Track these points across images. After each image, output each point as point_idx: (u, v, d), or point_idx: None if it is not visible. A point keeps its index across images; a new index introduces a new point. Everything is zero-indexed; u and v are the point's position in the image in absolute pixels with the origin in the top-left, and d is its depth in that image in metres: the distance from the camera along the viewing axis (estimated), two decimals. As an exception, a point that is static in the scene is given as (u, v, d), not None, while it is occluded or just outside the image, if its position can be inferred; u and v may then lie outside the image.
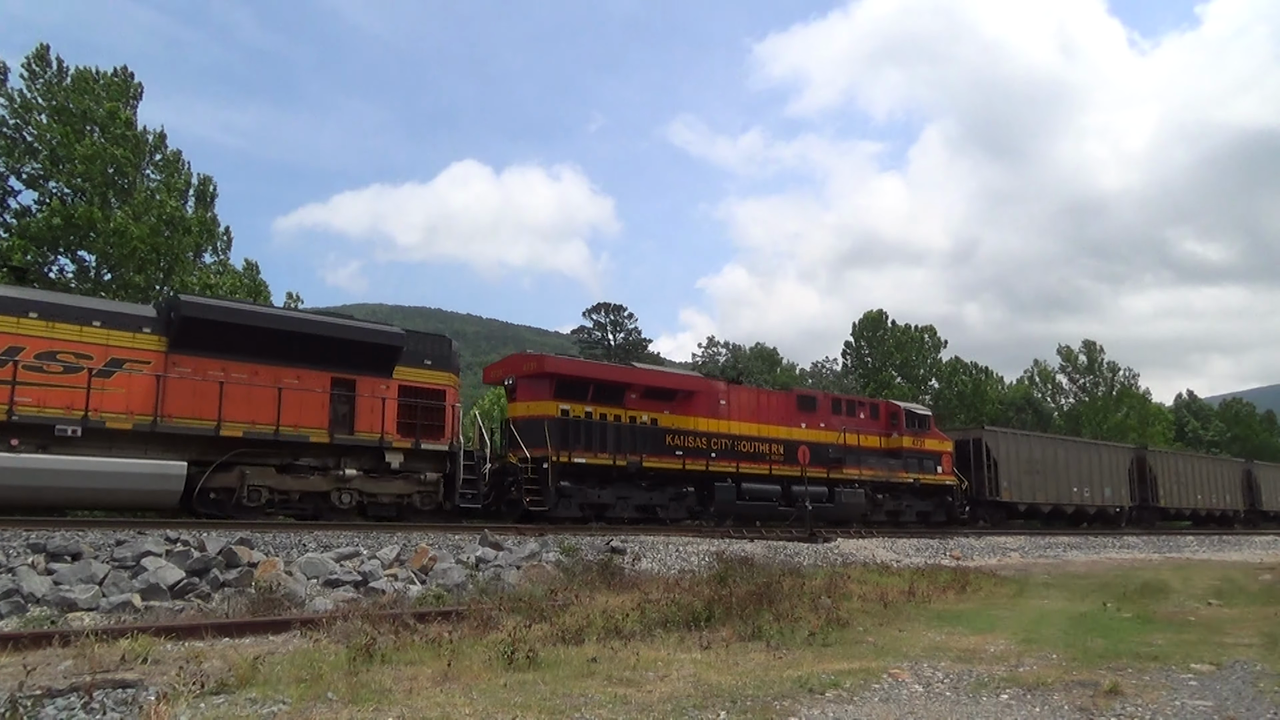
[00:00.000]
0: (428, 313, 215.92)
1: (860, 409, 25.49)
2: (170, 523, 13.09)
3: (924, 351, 60.49)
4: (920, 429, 26.12)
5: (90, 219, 23.48)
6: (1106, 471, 34.00)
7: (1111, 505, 33.87)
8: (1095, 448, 35.13)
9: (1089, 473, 33.06)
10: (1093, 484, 33.02)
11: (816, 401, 24.30)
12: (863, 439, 24.44)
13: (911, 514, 25.67)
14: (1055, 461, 31.68)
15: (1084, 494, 32.47)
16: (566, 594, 10.62)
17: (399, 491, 16.15)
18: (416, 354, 16.79)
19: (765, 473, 21.66)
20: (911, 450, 25.63)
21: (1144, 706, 5.77)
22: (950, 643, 8.31)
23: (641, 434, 19.88)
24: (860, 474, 23.87)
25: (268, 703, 5.40)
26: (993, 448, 29.15)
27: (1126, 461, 35.47)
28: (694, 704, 5.55)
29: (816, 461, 22.65)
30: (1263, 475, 44.11)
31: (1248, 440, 72.71)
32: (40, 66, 25.62)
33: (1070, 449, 33.41)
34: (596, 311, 56.07)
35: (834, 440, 23.50)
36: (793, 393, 24.42)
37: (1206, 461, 42.09)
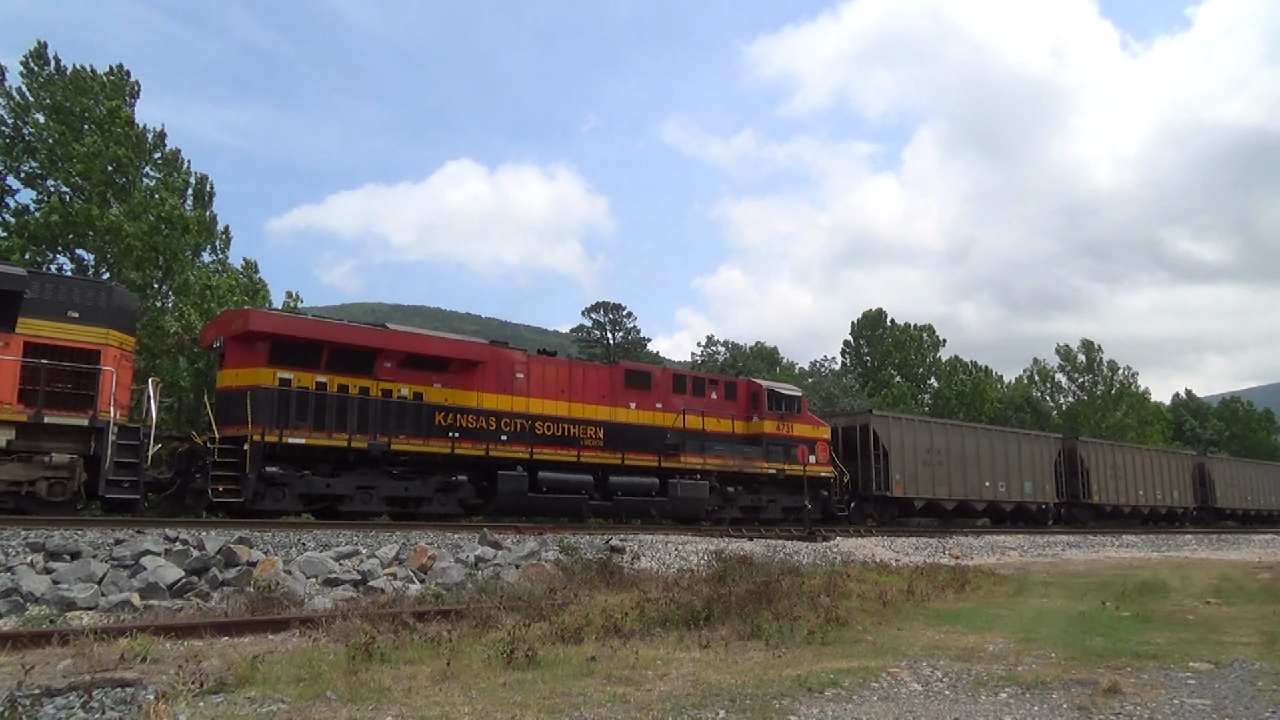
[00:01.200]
0: (426, 311, 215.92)
1: (711, 388, 22.19)
2: (169, 521, 13.09)
3: (923, 350, 60.50)
4: (788, 412, 22.88)
5: (88, 217, 23.44)
6: (1028, 464, 30.76)
7: (1033, 502, 30.71)
8: (1014, 437, 31.68)
9: (1006, 465, 29.75)
10: (1010, 478, 29.75)
11: (651, 378, 20.99)
12: (710, 422, 21.20)
13: (776, 510, 22.53)
14: (962, 452, 28.26)
15: (998, 489, 29.18)
16: (565, 593, 10.63)
17: (10, 478, 12.88)
18: (54, 304, 13.52)
19: (572, 460, 18.36)
20: (776, 436, 22.36)
21: (1143, 705, 5.77)
22: (949, 641, 8.31)
23: (399, 411, 16.38)
24: (705, 463, 20.68)
25: (267, 702, 5.40)
26: (883, 435, 25.86)
27: (1052, 453, 32.35)
28: (693, 703, 5.55)
29: (644, 448, 19.63)
30: (1216, 469, 41.51)
31: (1246, 439, 72.75)
32: (38, 65, 25.59)
33: (983, 438, 29.83)
34: (595, 310, 56.03)
35: (671, 423, 20.37)
36: (619, 367, 21.00)
37: (1150, 454, 38.72)
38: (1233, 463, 45.01)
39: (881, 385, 55.60)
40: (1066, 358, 65.66)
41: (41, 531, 10.82)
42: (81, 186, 24.72)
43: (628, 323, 55.78)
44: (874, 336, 60.56)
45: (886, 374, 58.08)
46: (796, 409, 23.31)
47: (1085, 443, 34.87)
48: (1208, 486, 40.10)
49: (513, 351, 19.30)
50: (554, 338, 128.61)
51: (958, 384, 58.37)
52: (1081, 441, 34.87)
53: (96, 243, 24.42)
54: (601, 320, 55.78)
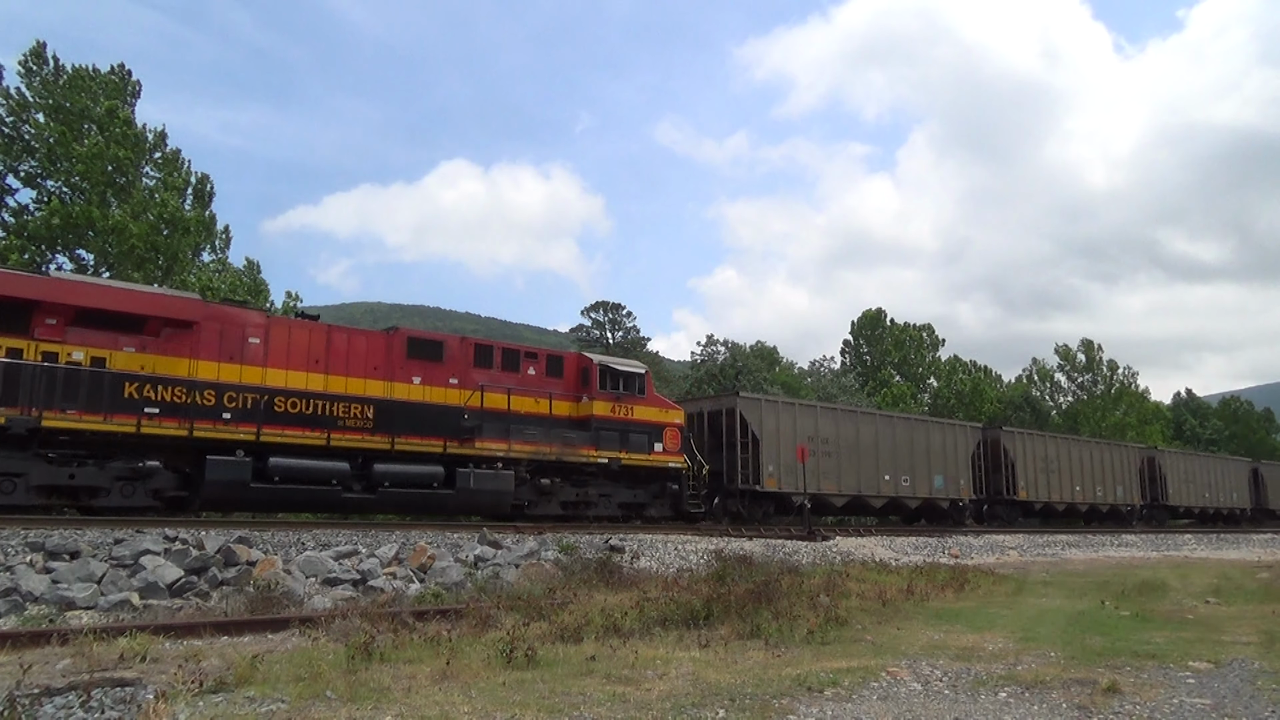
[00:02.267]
0: (426, 310, 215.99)
1: (529, 362, 18.73)
2: (169, 521, 13.08)
3: (922, 350, 60.52)
4: (627, 392, 19.46)
5: (89, 218, 23.45)
6: (939, 456, 27.43)
7: (944, 498, 27.46)
8: (922, 426, 28.10)
9: (911, 457, 26.63)
10: (916, 471, 26.55)
11: (445, 349, 17.51)
12: (520, 402, 17.84)
13: (610, 506, 19.20)
14: (856, 442, 24.97)
15: (901, 483, 26.04)
16: (565, 592, 10.63)
17: None
18: None
19: (320, 443, 15.13)
20: (610, 420, 19.01)
21: (1142, 704, 5.77)
22: (948, 641, 8.31)
23: (68, 380, 13.33)
24: (510, 449, 17.32)
25: (266, 701, 5.40)
26: (753, 420, 22.46)
27: (970, 444, 29.03)
28: (693, 702, 5.55)
29: (428, 430, 16.38)
30: (1168, 464, 38.51)
31: (1246, 439, 72.77)
32: (36, 64, 25.60)
33: (883, 426, 26.46)
34: (595, 310, 56.04)
35: (465, 402, 17.05)
36: (400, 333, 17.22)
37: (1090, 446, 35.20)
38: (1186, 456, 41.72)
39: (881, 385, 55.61)
40: (1066, 357, 65.70)
41: (41, 531, 10.82)
42: (81, 187, 24.72)
43: (627, 322, 55.81)
44: (873, 336, 60.59)
45: (886, 373, 58.11)
46: (638, 389, 19.76)
47: (1010, 433, 31.63)
48: (1158, 483, 37.34)
49: (246, 311, 16.29)
50: (553, 337, 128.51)
51: (957, 383, 58.41)
52: (1006, 431, 31.59)
53: (97, 243, 24.43)
54: (601, 320, 55.79)
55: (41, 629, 7.61)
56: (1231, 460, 45.43)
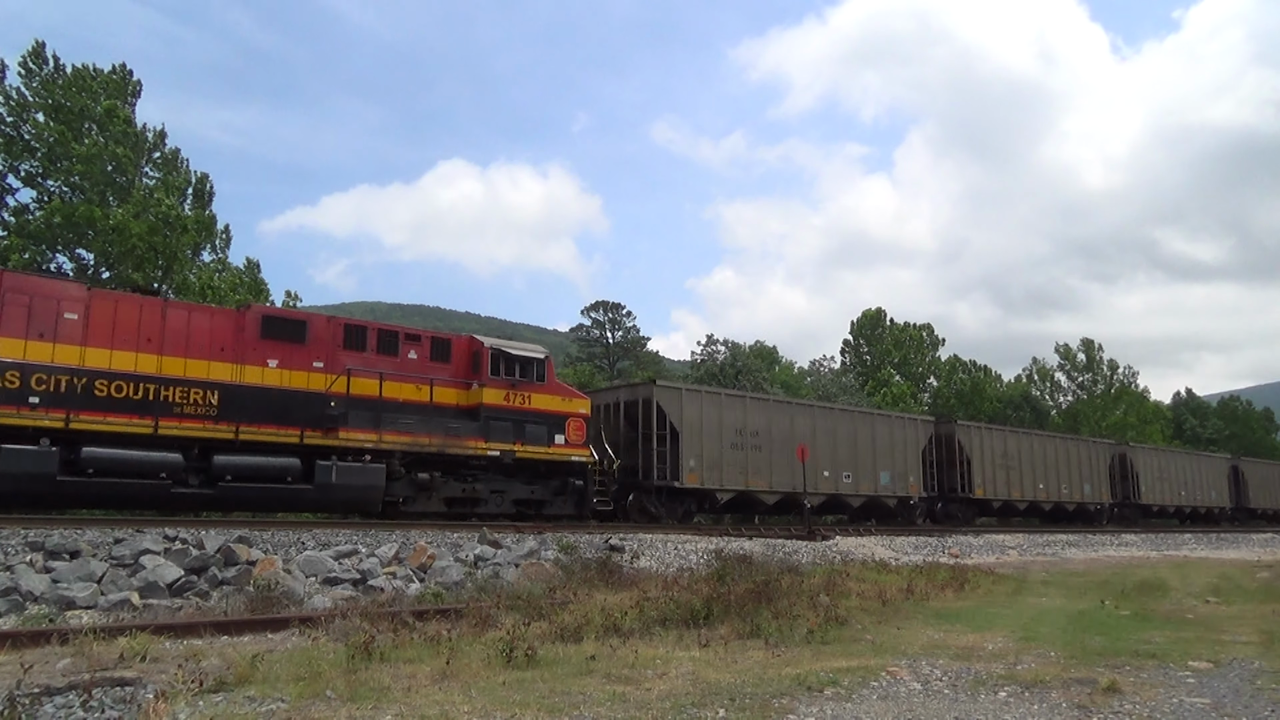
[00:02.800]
0: (426, 310, 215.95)
1: (410, 345, 17.02)
2: (169, 520, 13.09)
3: (922, 350, 60.53)
4: (524, 379, 17.80)
5: (89, 217, 23.45)
6: (886, 452, 25.75)
7: (890, 495, 25.77)
8: (867, 419, 26.43)
9: (855, 453, 24.91)
10: (860, 468, 24.92)
11: (308, 329, 15.74)
12: (396, 388, 16.25)
13: (504, 503, 17.48)
14: (790, 436, 23.03)
15: (842, 480, 24.40)
16: (565, 592, 10.63)
17: None
18: None
19: (147, 431, 13.53)
20: (503, 409, 17.34)
21: (1142, 704, 5.77)
22: (948, 640, 8.32)
23: None
24: (380, 440, 15.77)
25: (266, 701, 5.40)
26: (671, 412, 20.68)
27: (921, 439, 27.37)
28: (692, 702, 5.55)
29: (283, 419, 14.84)
30: (1141, 460, 36.68)
31: (1245, 438, 72.77)
32: (36, 64, 25.59)
33: (823, 420, 24.56)
34: (595, 310, 56.04)
35: (328, 387, 15.41)
36: (253, 311, 15.63)
37: (1057, 442, 33.75)
38: (1160, 453, 39.99)
39: (881, 384, 55.62)
40: (1066, 356, 65.73)
41: (41, 530, 10.83)
42: (81, 186, 24.72)
43: (627, 322, 55.82)
44: (873, 336, 60.59)
45: (886, 373, 58.11)
46: (537, 375, 18.09)
47: (966, 427, 29.81)
48: (1130, 480, 35.75)
49: (61, 283, 14.71)
50: (553, 337, 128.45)
51: (957, 383, 58.42)
52: (961, 425, 29.82)
53: (98, 243, 24.43)
54: (601, 319, 55.79)
55: (41, 628, 7.61)
56: (1209, 457, 43.91)
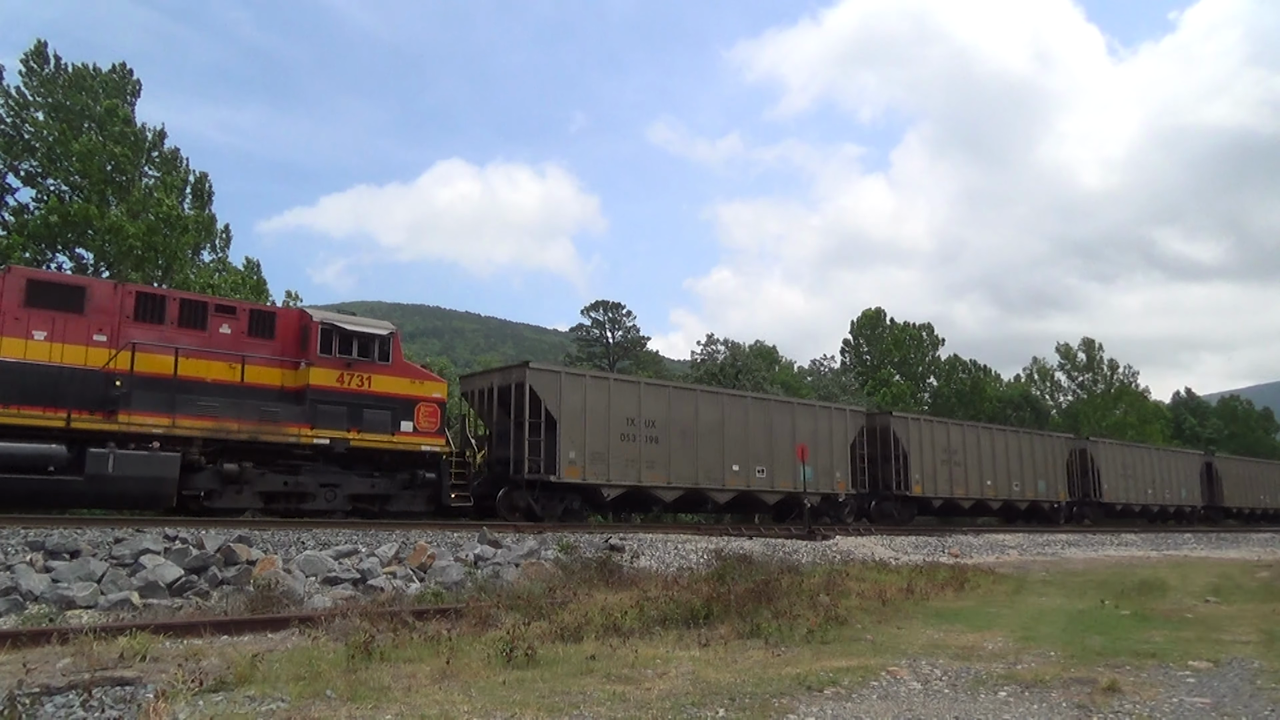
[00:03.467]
0: (426, 310, 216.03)
1: (222, 318, 15.02)
2: (169, 520, 13.09)
3: (922, 349, 60.55)
4: (363, 358, 15.79)
5: (88, 216, 23.45)
6: (809, 445, 23.21)
7: (813, 491, 23.26)
8: (787, 409, 24.00)
9: (771, 446, 22.55)
10: (777, 462, 22.52)
11: (87, 296, 13.82)
12: (195, 365, 14.31)
13: (337, 497, 15.53)
14: (693, 427, 20.87)
15: (755, 475, 22.03)
16: (565, 592, 10.63)
17: None
18: None
19: None
20: (335, 392, 15.34)
21: (1142, 704, 5.77)
22: (948, 640, 8.32)
23: None
24: (174, 425, 13.86)
25: (266, 700, 5.40)
26: (548, 398, 18.50)
27: (850, 431, 24.89)
28: (692, 701, 5.56)
29: (49, 400, 12.97)
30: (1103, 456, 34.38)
31: (1245, 438, 72.77)
32: (37, 63, 25.60)
33: (733, 409, 22.18)
34: (595, 309, 56.02)
35: (108, 364, 13.52)
36: (11, 275, 13.55)
37: (1007, 436, 31.40)
38: (1125, 448, 37.40)
39: (881, 384, 55.65)
40: (1066, 356, 65.77)
41: (41, 530, 10.83)
42: (80, 185, 24.72)
43: (627, 321, 55.79)
44: (873, 335, 60.61)
45: (886, 372, 58.13)
46: (379, 354, 16.03)
47: (902, 419, 27.62)
48: (1091, 477, 33.79)
49: None
50: (553, 336, 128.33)
51: (957, 382, 58.44)
52: (897, 417, 27.61)
53: (97, 242, 24.43)
54: (601, 319, 55.77)
55: (41, 628, 7.61)
56: (1180, 453, 41.94)
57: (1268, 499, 44.96)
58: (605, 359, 53.48)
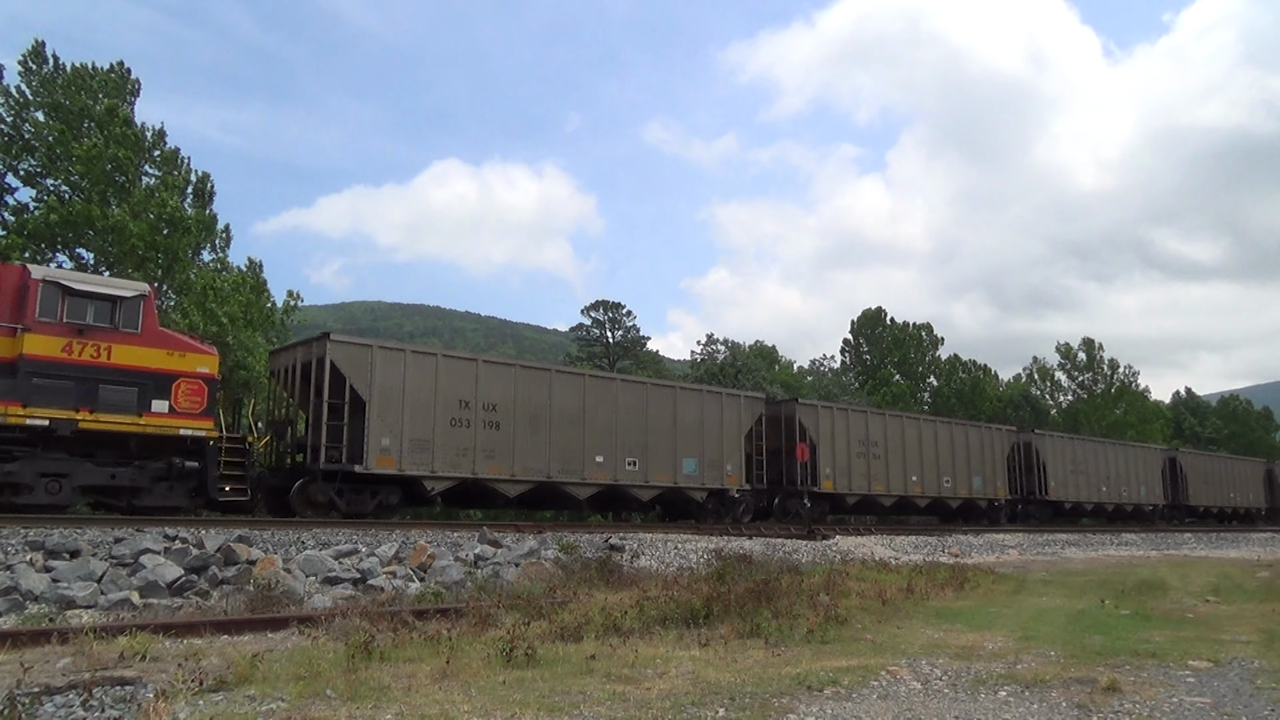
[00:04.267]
0: (426, 309, 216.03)
1: None
2: (169, 520, 13.09)
3: (922, 349, 60.57)
4: (100, 323, 13.38)
5: (88, 217, 23.44)
6: (694, 436, 21.20)
7: (699, 488, 21.09)
8: (668, 394, 21.49)
9: (647, 435, 20.29)
10: (653, 453, 20.28)
11: None
12: None
13: (61, 490, 13.07)
14: (546, 413, 18.58)
15: (625, 467, 19.76)
16: (565, 591, 10.63)
17: None
18: None
19: None
20: (60, 363, 12.96)
21: (1142, 703, 5.77)
22: (948, 640, 8.31)
23: None
24: None
25: (266, 700, 5.40)
26: (354, 375, 16.09)
27: (745, 421, 22.57)
28: (692, 701, 5.56)
29: None
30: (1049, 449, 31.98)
31: (1245, 438, 72.77)
32: (36, 63, 25.59)
33: (601, 393, 19.92)
34: (595, 309, 56.00)
35: None
36: None
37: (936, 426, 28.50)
38: (1077, 442, 34.77)
39: (881, 384, 55.66)
40: (1067, 356, 65.76)
41: (41, 530, 10.83)
42: (80, 185, 24.72)
43: (627, 321, 55.77)
44: (873, 335, 60.62)
45: (886, 372, 58.15)
46: (123, 320, 13.57)
47: (810, 406, 24.90)
48: (1036, 472, 31.34)
49: None
50: (553, 336, 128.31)
51: (957, 382, 58.45)
52: (804, 405, 24.92)
53: (98, 242, 24.43)
54: (601, 319, 55.75)
55: (41, 628, 7.61)
56: (1140, 448, 39.38)
57: (1239, 497, 42.65)
58: (605, 359, 53.47)
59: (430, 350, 18.54)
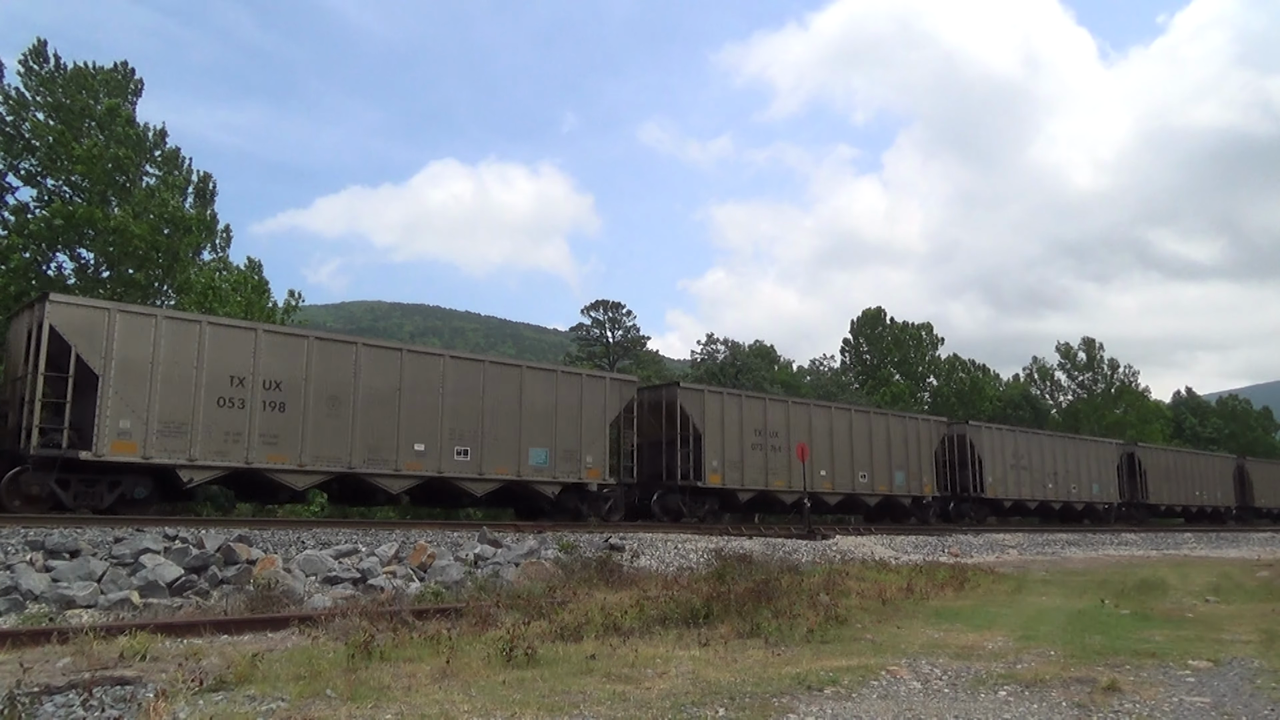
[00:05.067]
0: (426, 309, 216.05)
1: None
2: (169, 519, 13.10)
3: (922, 349, 60.58)
4: None
5: (90, 217, 23.43)
6: (544, 420, 18.86)
7: (548, 480, 18.79)
8: (512, 373, 19.03)
9: (482, 420, 17.91)
10: (487, 440, 17.92)
11: None
12: None
13: None
14: (302, 387, 15.76)
15: (453, 456, 17.37)
16: (565, 591, 10.63)
17: None
18: None
19: None
20: None
21: (1142, 703, 5.77)
22: (948, 640, 8.31)
23: None
24: None
25: (266, 700, 5.40)
26: (85, 348, 13.75)
27: (613, 406, 20.09)
28: (692, 701, 5.56)
29: None
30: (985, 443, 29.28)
31: (1244, 438, 72.75)
32: (36, 62, 25.57)
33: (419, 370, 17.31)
34: (595, 309, 55.97)
35: None
36: None
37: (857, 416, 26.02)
38: (1015, 434, 31.90)
39: (881, 383, 55.66)
40: (1067, 355, 65.77)
41: (41, 529, 10.84)
42: (81, 186, 24.70)
43: (626, 321, 55.73)
44: (873, 335, 60.62)
45: (886, 372, 58.15)
46: None
47: (694, 391, 22.32)
48: (972, 469, 28.86)
49: None
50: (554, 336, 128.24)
51: (957, 382, 58.44)
52: (686, 389, 22.35)
53: (99, 242, 24.41)
54: (601, 319, 55.71)
55: (41, 627, 7.61)
56: (1094, 442, 36.57)
57: (1205, 495, 40.14)
58: (606, 358, 53.45)
59: (194, 319, 15.71)
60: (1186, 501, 39.23)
